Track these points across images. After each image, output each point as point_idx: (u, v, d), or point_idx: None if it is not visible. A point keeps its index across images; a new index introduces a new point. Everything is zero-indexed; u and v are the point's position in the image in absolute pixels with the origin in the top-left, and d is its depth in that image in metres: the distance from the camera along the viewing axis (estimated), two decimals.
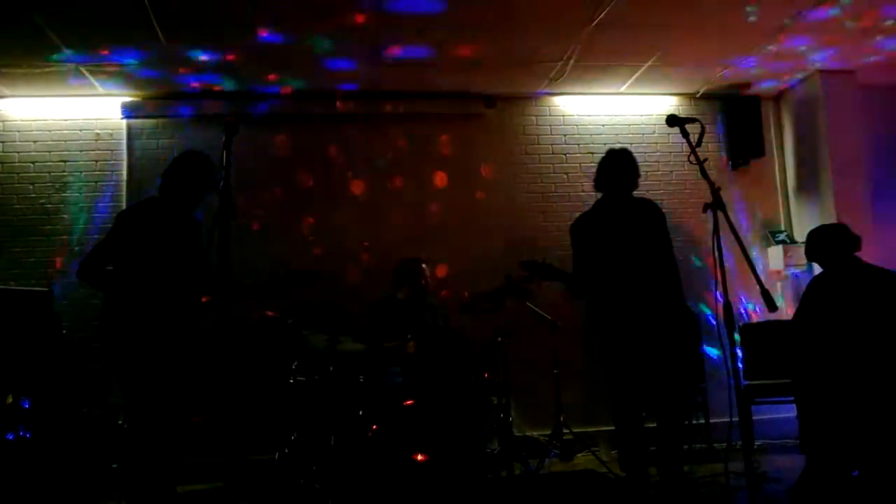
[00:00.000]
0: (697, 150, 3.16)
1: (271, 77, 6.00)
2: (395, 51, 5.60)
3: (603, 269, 4.20)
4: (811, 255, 4.46)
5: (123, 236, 3.61)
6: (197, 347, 3.62)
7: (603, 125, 6.74)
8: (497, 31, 5.36)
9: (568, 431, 5.48)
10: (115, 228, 3.68)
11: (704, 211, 3.06)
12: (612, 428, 4.50)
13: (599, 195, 4.45)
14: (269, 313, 4.69)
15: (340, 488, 4.25)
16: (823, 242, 4.38)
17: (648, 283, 4.13)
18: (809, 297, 4.41)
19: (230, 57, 5.56)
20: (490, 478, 4.71)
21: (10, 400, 4.61)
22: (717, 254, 2.96)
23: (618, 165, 4.34)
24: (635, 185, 4.38)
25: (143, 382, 3.46)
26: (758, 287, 2.98)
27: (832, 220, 6.17)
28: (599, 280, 4.23)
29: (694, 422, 5.49)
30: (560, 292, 4.98)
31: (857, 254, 4.32)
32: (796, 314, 4.47)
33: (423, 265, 5.42)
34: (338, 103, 6.33)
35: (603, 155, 4.42)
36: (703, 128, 3.28)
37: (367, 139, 6.41)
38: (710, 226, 3.05)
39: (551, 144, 6.67)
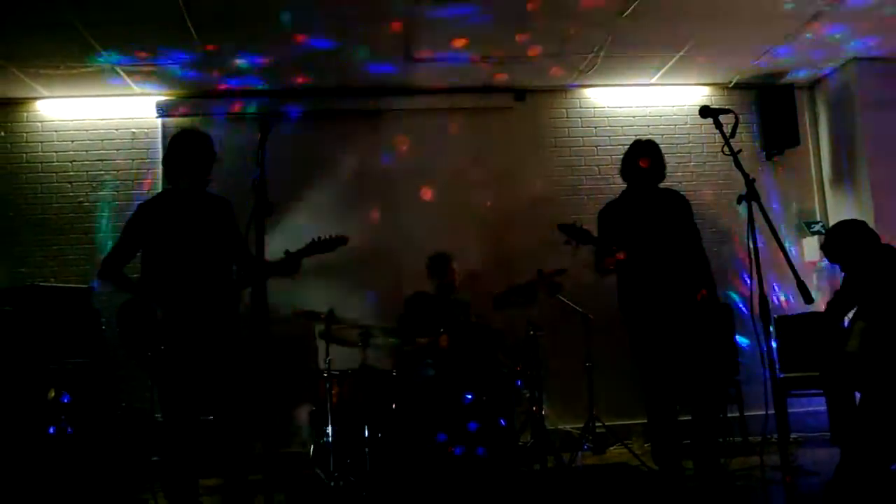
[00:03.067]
0: (731, 140, 3.14)
1: (305, 77, 6.06)
2: (428, 52, 5.62)
3: (631, 258, 4.18)
4: (833, 257, 4.39)
5: (145, 228, 3.62)
6: (233, 336, 3.60)
7: (634, 117, 6.69)
8: (529, 24, 5.34)
9: (601, 424, 5.46)
10: (134, 222, 3.68)
11: (739, 202, 3.05)
12: (645, 421, 4.49)
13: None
14: (303, 309, 4.73)
15: (374, 481, 4.29)
16: (844, 243, 4.29)
17: (678, 273, 4.11)
18: (845, 287, 4.37)
19: (264, 56, 5.62)
20: (523, 471, 4.73)
21: (52, 395, 4.71)
22: (751, 245, 2.94)
23: (643, 156, 4.33)
24: (662, 176, 4.37)
25: (179, 374, 3.47)
26: (793, 278, 2.96)
27: (869, 210, 6.10)
28: (628, 269, 4.22)
29: (728, 415, 5.45)
30: (592, 284, 4.96)
31: (890, 242, 4.27)
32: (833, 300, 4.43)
33: (452, 260, 5.45)
34: (371, 100, 6.36)
35: (628, 148, 4.43)
36: (736, 118, 3.25)
37: (400, 134, 6.44)
38: (745, 217, 3.03)
39: (582, 137, 6.64)
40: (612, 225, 4.36)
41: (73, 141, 6.15)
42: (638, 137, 4.53)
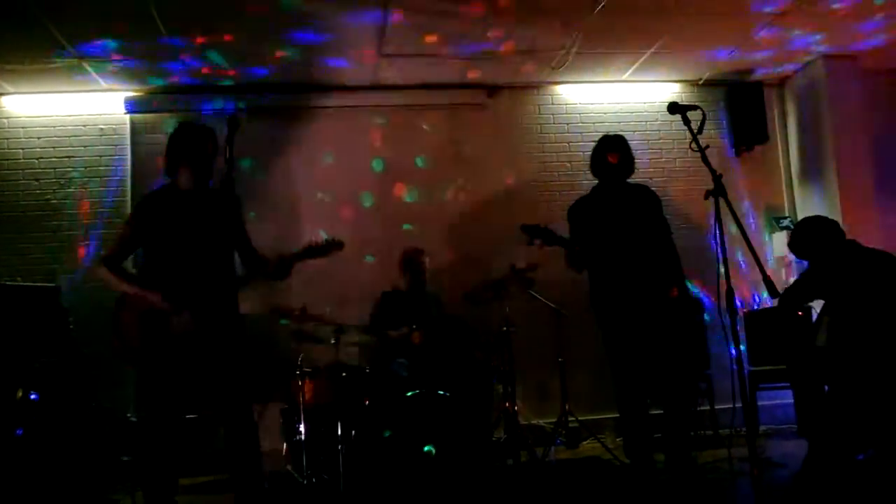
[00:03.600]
0: (699, 136, 3.17)
1: (276, 73, 6.02)
2: (397, 45, 5.61)
3: (602, 254, 4.21)
4: (800, 253, 4.49)
5: (149, 222, 3.45)
6: (236, 335, 3.50)
7: (605, 113, 6.73)
8: (501, 20, 5.35)
9: (573, 419, 5.50)
10: (137, 217, 3.52)
11: (706, 198, 3.08)
12: (618, 415, 4.52)
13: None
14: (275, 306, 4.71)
15: (348, 478, 4.28)
16: (810, 239, 4.39)
17: (648, 268, 4.15)
18: (808, 281, 4.45)
19: (233, 52, 5.58)
20: (496, 466, 4.75)
21: (20, 395, 4.64)
22: (719, 240, 2.98)
23: (611, 151, 4.36)
24: (631, 171, 4.40)
25: (173, 371, 3.36)
26: (760, 273, 3.00)
27: (836, 206, 6.19)
28: (599, 265, 4.25)
29: (699, 408, 5.51)
30: (564, 280, 4.99)
31: (855, 238, 4.36)
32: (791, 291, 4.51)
33: (423, 255, 5.45)
34: (343, 96, 6.34)
35: (596, 143, 4.45)
36: (704, 115, 3.28)
37: (371, 130, 6.42)
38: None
39: (554, 133, 6.67)
40: (582, 221, 4.39)
41: (39, 137, 6.05)
42: (610, 133, 4.55)
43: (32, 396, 4.68)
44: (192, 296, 3.34)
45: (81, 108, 6.12)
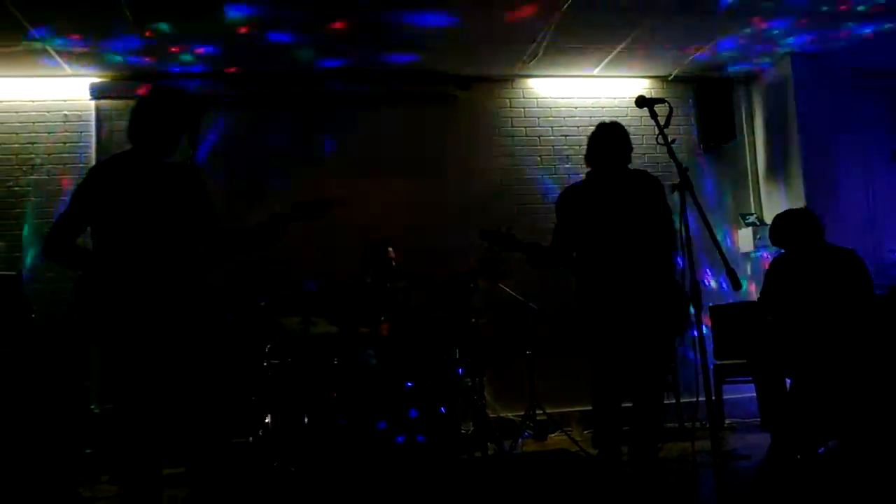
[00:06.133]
0: (666, 131, 3.18)
1: (244, 61, 5.97)
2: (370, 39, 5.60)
3: (593, 246, 4.00)
4: (776, 240, 4.56)
5: (98, 196, 3.12)
6: (200, 319, 3.24)
7: (576, 108, 6.74)
8: (472, 12, 5.34)
9: (541, 412, 5.52)
10: (85, 189, 3.16)
11: (672, 192, 3.09)
12: (585, 408, 4.52)
13: (584, 173, 4.26)
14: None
15: (315, 470, 4.26)
16: (790, 227, 4.47)
17: (642, 261, 3.86)
18: (772, 279, 4.52)
19: (202, 41, 5.53)
20: (464, 458, 4.75)
21: None
22: (683, 233, 3.00)
23: (608, 138, 4.13)
24: (628, 159, 4.18)
25: (138, 359, 3.03)
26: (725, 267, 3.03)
27: (800, 202, 6.26)
28: (590, 259, 4.01)
29: (665, 401, 5.54)
30: (533, 274, 5.00)
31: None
32: (761, 295, 4.57)
33: (390, 247, 5.43)
34: (312, 86, 6.29)
35: (592, 131, 4.23)
36: (671, 108, 3.29)
37: (340, 121, 6.38)
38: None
39: (525, 127, 6.68)
40: (572, 211, 4.07)
41: (2, 123, 5.93)
42: (582, 129, 4.48)
43: None
44: (146, 278, 3.04)
45: (45, 94, 6.00)
